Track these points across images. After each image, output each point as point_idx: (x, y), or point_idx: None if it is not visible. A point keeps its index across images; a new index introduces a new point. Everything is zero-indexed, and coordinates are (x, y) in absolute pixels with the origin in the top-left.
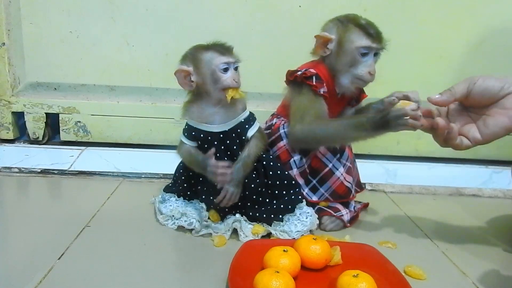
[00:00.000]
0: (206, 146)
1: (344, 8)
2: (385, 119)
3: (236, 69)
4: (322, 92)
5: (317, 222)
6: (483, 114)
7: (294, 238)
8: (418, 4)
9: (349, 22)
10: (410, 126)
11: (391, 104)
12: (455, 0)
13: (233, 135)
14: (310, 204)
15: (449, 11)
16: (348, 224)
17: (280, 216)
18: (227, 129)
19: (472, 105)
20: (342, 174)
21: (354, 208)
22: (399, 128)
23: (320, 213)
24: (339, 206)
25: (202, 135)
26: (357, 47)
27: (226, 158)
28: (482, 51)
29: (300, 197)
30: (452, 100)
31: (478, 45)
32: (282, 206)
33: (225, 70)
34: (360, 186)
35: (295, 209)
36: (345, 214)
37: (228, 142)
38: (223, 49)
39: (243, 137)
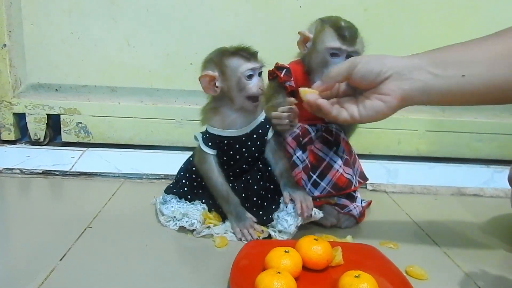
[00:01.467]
0: (226, 148)
1: (345, 8)
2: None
3: (260, 74)
4: (287, 85)
5: (315, 215)
6: (364, 96)
7: (291, 234)
8: (419, 4)
9: (327, 23)
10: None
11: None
12: (456, 0)
13: (255, 136)
14: (315, 198)
15: (450, 10)
16: (359, 219)
17: (270, 216)
18: (249, 131)
19: (355, 87)
20: (341, 166)
21: (361, 202)
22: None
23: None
24: (346, 202)
25: (225, 141)
26: (327, 47)
27: (243, 160)
28: None
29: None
30: (333, 84)
31: None
32: (272, 206)
33: (250, 77)
34: (364, 177)
35: (280, 204)
36: (354, 209)
37: (249, 143)
38: (249, 54)
39: (265, 137)
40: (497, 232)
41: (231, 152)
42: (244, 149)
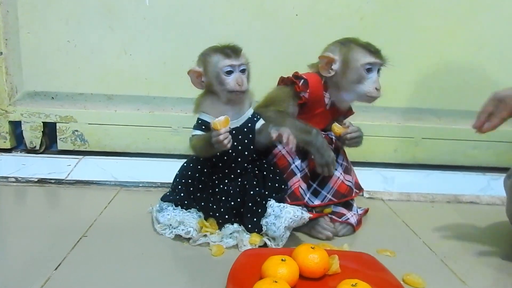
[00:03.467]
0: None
1: (342, 17)
2: (322, 147)
3: (243, 71)
4: (301, 95)
5: (303, 215)
6: None
7: (282, 237)
8: (415, 12)
9: (350, 42)
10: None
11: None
12: (451, 8)
13: (245, 129)
14: (310, 208)
15: (446, 19)
16: (356, 227)
17: (260, 224)
18: (238, 125)
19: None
20: (341, 174)
21: (357, 210)
22: (321, 161)
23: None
24: (343, 211)
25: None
26: (363, 64)
27: (237, 153)
28: (479, 58)
29: (269, 198)
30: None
31: (474, 52)
32: (259, 210)
33: (229, 72)
34: (359, 188)
35: (267, 209)
36: (351, 217)
37: (240, 137)
38: (230, 51)
39: (254, 131)
40: (494, 239)
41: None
42: (235, 143)
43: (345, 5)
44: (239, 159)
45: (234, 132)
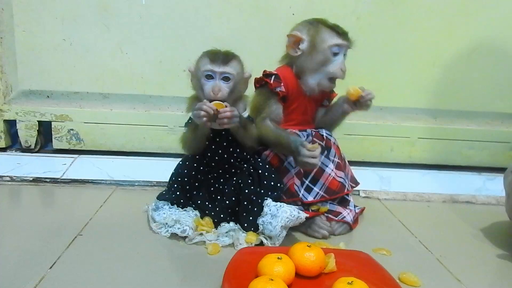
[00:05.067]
0: (207, 142)
1: (338, 17)
2: (296, 148)
3: (226, 79)
4: (278, 90)
5: (300, 215)
6: None
7: (278, 237)
8: (411, 13)
9: (319, 23)
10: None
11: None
12: (447, 8)
13: None
14: (306, 206)
15: (442, 19)
16: (353, 225)
17: (256, 222)
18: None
19: None
20: (332, 170)
21: (354, 207)
22: (299, 163)
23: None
24: (340, 209)
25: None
26: (330, 45)
27: (227, 155)
28: (474, 59)
29: (265, 197)
30: None
31: (470, 52)
32: (255, 209)
33: (209, 78)
34: (355, 182)
35: (263, 208)
36: (347, 215)
37: (230, 138)
38: (217, 56)
39: None
40: (489, 238)
41: (213, 147)
42: (225, 144)
43: (342, 5)
44: (232, 160)
45: (223, 133)
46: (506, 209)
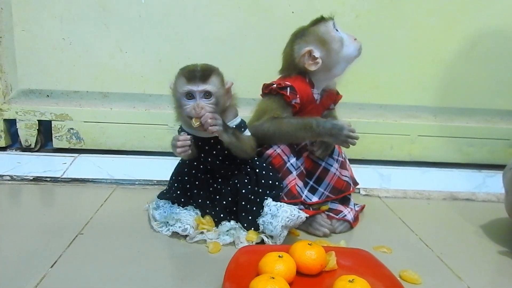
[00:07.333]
0: (199, 145)
1: (337, 14)
2: (331, 129)
3: (207, 96)
4: (293, 103)
5: (300, 215)
6: None
7: (279, 236)
8: (410, 10)
9: (304, 30)
10: (348, 143)
11: None
12: (446, 5)
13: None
14: (309, 206)
15: (441, 16)
16: (353, 224)
17: (257, 221)
18: (216, 135)
19: None
20: (337, 170)
21: (354, 206)
22: (339, 142)
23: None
24: (340, 207)
25: (193, 140)
26: (332, 30)
27: (218, 163)
28: (474, 56)
29: (266, 197)
30: None
31: (469, 49)
32: (254, 208)
33: (190, 97)
34: (355, 182)
35: (264, 207)
36: (348, 213)
37: (219, 147)
38: (193, 75)
39: None
40: (490, 235)
41: (203, 155)
42: (214, 152)
43: (341, 3)
44: (227, 162)
45: (212, 141)
46: (505, 206)
